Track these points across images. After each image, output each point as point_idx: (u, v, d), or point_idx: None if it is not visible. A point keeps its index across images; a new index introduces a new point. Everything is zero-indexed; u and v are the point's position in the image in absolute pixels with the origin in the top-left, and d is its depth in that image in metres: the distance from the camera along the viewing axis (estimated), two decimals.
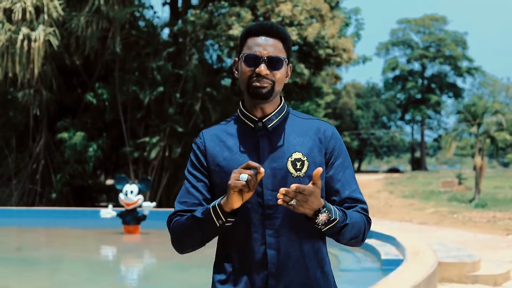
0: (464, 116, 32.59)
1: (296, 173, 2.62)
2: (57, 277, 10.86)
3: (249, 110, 2.72)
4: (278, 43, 2.66)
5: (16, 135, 23.55)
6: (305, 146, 2.68)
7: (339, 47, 22.21)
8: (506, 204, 26.11)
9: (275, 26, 2.71)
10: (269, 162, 2.63)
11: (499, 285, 9.57)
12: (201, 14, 21.75)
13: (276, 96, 2.70)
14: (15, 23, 21.01)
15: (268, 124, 2.69)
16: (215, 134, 2.73)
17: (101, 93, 22.23)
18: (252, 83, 2.62)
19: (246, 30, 2.73)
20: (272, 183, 2.61)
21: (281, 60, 2.64)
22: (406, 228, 17.79)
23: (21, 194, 22.94)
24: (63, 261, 12.39)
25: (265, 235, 2.60)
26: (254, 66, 2.63)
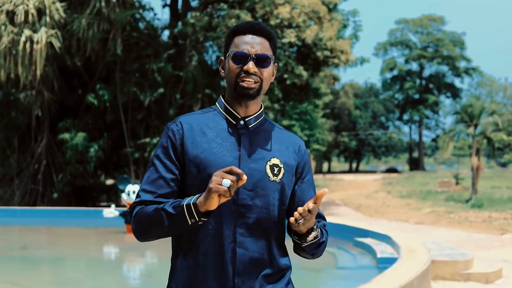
0: (461, 116, 32.79)
1: (273, 177, 2.64)
2: (62, 274, 11.16)
3: (231, 105, 2.71)
4: (265, 41, 2.69)
5: (18, 136, 23.73)
6: (283, 154, 2.70)
7: (337, 49, 22.44)
8: (502, 204, 26.28)
9: (262, 25, 2.73)
10: (248, 162, 2.63)
11: (491, 283, 9.88)
12: (201, 16, 22.02)
13: (261, 95, 2.71)
14: (18, 25, 21.15)
15: (249, 124, 2.70)
16: (194, 123, 2.70)
17: (102, 94, 22.39)
18: (240, 82, 2.62)
19: (232, 29, 2.75)
20: (249, 183, 2.59)
21: (269, 58, 2.66)
22: (402, 227, 18.04)
23: (23, 194, 23.11)
24: (67, 259, 12.69)
25: (235, 233, 2.59)
26: (242, 64, 2.64)
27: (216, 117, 2.71)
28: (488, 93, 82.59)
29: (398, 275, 7.76)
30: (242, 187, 2.58)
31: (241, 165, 2.60)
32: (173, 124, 2.69)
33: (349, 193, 36.53)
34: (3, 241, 15.47)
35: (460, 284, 9.57)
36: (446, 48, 78.91)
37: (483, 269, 10.21)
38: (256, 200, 2.61)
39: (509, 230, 18.20)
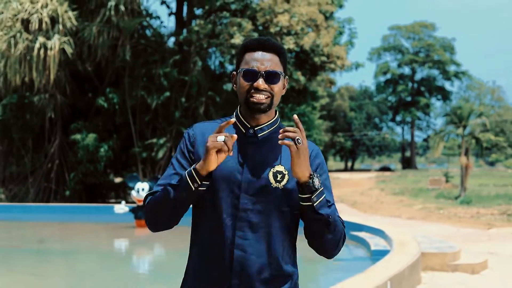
0: (451, 118, 32.91)
1: (275, 184, 2.60)
2: (76, 266, 11.37)
3: (244, 117, 2.69)
4: (274, 57, 2.65)
5: (32, 137, 23.88)
6: (288, 161, 2.61)
7: (333, 55, 22.65)
8: (490, 200, 26.35)
9: (272, 41, 2.69)
10: (252, 169, 2.61)
11: (477, 273, 10.09)
12: (205, 24, 22.20)
13: (273, 108, 2.69)
14: (32, 33, 21.37)
15: (259, 133, 2.67)
16: (208, 129, 2.70)
17: (111, 98, 22.59)
18: (250, 98, 2.60)
19: (243, 45, 2.71)
20: (251, 188, 2.59)
21: (278, 74, 2.62)
22: (395, 222, 18.18)
23: (37, 191, 23.31)
24: (81, 252, 12.90)
25: (235, 235, 2.57)
26: (252, 81, 2.60)
27: (230, 126, 2.69)
28: (477, 95, 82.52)
29: (390, 266, 7.97)
30: (244, 193, 2.58)
31: (244, 171, 2.60)
32: (190, 129, 2.74)
33: (344, 191, 36.55)
34: (21, 235, 15.71)
35: (448, 275, 9.77)
36: (436, 53, 78.74)
37: (470, 260, 10.42)
38: (257, 205, 2.58)
39: (495, 225, 18.36)
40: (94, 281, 9.74)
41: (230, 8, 23.20)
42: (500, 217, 20.55)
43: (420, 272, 9.24)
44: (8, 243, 13.92)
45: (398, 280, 7.58)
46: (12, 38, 21.29)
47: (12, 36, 21.32)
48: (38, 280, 9.69)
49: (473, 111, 32.57)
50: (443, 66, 79.74)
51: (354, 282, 6.94)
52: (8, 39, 21.27)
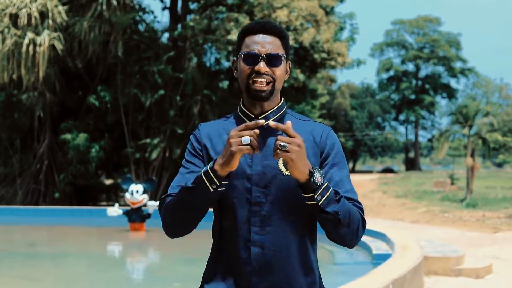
0: (456, 117, 33.10)
1: (286, 172, 2.59)
2: (68, 269, 11.57)
3: (247, 107, 2.70)
4: (276, 40, 2.65)
5: (20, 136, 24.05)
6: None
7: (334, 51, 22.87)
8: (496, 203, 26.47)
9: (272, 24, 2.68)
10: (260, 159, 2.61)
11: (481, 278, 10.32)
12: (200, 19, 22.41)
13: (277, 94, 2.69)
14: (21, 28, 21.54)
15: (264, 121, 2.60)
16: (213, 128, 2.74)
17: (103, 96, 22.77)
18: (252, 85, 2.60)
19: (243, 29, 2.71)
20: (262, 180, 2.59)
21: (280, 57, 2.62)
22: (397, 226, 18.35)
23: (25, 194, 23.46)
24: (73, 255, 13.12)
25: (250, 231, 2.57)
26: (253, 64, 2.60)
27: (235, 119, 2.74)
28: (484, 93, 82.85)
29: (391, 270, 8.19)
30: (255, 185, 2.58)
31: (253, 163, 2.60)
32: (196, 129, 2.78)
33: None
34: (11, 238, 15.95)
35: (451, 279, 10.00)
36: (442, 49, 78.80)
37: (474, 265, 10.65)
38: (270, 197, 2.58)
39: (501, 228, 18.54)
40: (86, 285, 9.94)
41: (227, 3, 23.43)
42: (506, 220, 20.69)
43: (422, 277, 9.47)
44: None
45: (400, 284, 7.80)
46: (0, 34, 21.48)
47: (0, 32, 21.50)
48: (29, 284, 9.89)
49: (480, 110, 32.75)
50: (449, 62, 79.90)
51: (355, 286, 7.16)
52: None
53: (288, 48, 2.72)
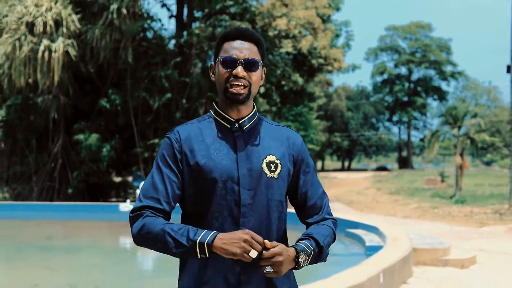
0: (446, 119, 33.37)
1: (270, 174, 2.63)
2: (85, 260, 11.93)
3: (224, 111, 2.70)
4: (253, 46, 2.66)
5: (36, 137, 24.35)
6: (278, 150, 2.69)
7: (330, 57, 23.23)
8: (484, 200, 26.70)
9: (250, 31, 2.70)
10: (245, 162, 2.62)
11: (466, 268, 10.65)
12: (205, 27, 22.74)
13: (252, 98, 2.69)
14: (37, 36, 21.90)
15: (243, 126, 2.68)
16: (192, 132, 2.68)
17: (114, 99, 23.07)
18: (230, 88, 2.60)
19: (222, 35, 2.72)
20: (249, 182, 2.60)
21: (257, 63, 2.63)
22: (390, 221, 18.58)
23: (40, 190, 23.79)
24: (89, 248, 13.49)
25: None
26: (231, 68, 2.61)
27: (212, 124, 2.71)
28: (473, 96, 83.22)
29: (383, 259, 8.54)
30: (242, 188, 2.59)
31: (239, 166, 2.61)
32: (171, 133, 2.69)
33: (341, 190, 36.82)
34: (29, 232, 16.31)
35: (438, 269, 10.33)
36: (433, 53, 79.29)
37: (459, 256, 10.98)
38: (257, 198, 2.61)
39: (488, 223, 18.75)
40: (100, 275, 10.29)
41: (230, 12, 23.77)
42: (492, 216, 20.91)
43: (412, 266, 9.81)
44: (18, 240, 14.53)
45: (390, 273, 8.15)
46: (17, 41, 21.78)
47: (17, 39, 21.81)
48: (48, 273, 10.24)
49: (468, 111, 33.02)
50: (440, 66, 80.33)
51: (349, 274, 7.50)
52: (13, 41, 21.74)
53: (264, 55, 2.75)
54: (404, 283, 8.93)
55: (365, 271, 7.63)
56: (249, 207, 2.59)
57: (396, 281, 8.49)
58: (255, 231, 2.54)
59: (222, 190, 2.58)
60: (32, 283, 9.25)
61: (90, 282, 9.47)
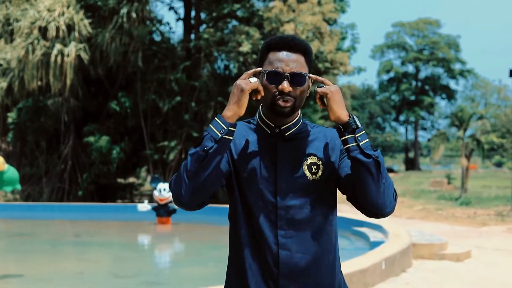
0: (452, 120, 34.65)
1: (311, 176, 2.63)
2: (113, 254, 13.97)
3: (267, 117, 2.70)
4: (300, 57, 2.61)
5: (46, 139, 26.06)
6: (319, 150, 2.68)
7: (337, 61, 24.83)
8: (488, 202, 27.71)
9: (297, 40, 2.64)
10: (285, 166, 2.63)
11: (461, 261, 12.48)
12: (214, 32, 24.43)
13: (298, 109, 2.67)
14: (50, 40, 23.66)
15: (285, 132, 2.68)
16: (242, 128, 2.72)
17: (123, 102, 24.71)
18: (276, 102, 2.59)
19: (267, 43, 2.68)
20: (288, 186, 2.62)
21: (304, 76, 2.59)
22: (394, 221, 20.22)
23: (50, 192, 25.55)
24: (114, 243, 15.58)
25: (277, 235, 2.59)
26: (276, 83, 2.57)
27: (254, 126, 2.74)
28: (483, 95, 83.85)
29: (385, 250, 10.41)
30: (280, 191, 2.62)
31: (278, 169, 2.64)
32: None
33: None
34: (58, 230, 18.54)
35: (435, 262, 12.16)
36: (441, 50, 79.80)
37: (455, 250, 12.83)
38: (296, 201, 2.62)
39: (489, 224, 20.13)
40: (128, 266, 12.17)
41: (237, 15, 25.47)
42: (495, 217, 22.15)
43: (411, 259, 11.68)
44: (49, 237, 16.59)
45: (391, 262, 10.03)
46: (29, 45, 23.58)
47: (30, 43, 23.61)
48: (85, 263, 12.17)
49: (475, 113, 34.42)
50: (448, 64, 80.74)
51: (354, 261, 9.36)
52: (26, 45, 23.57)
53: (311, 63, 2.71)
54: (403, 271, 10.78)
55: (369, 259, 9.52)
56: (287, 210, 2.61)
57: (396, 269, 10.35)
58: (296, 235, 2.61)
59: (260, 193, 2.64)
60: (76, 272, 11.16)
61: (130, 270, 11.39)
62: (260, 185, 2.63)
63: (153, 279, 10.47)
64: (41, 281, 10.13)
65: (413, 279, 10.28)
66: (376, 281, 9.41)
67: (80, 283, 10.04)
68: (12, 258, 12.52)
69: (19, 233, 17.15)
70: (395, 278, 10.11)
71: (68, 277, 10.69)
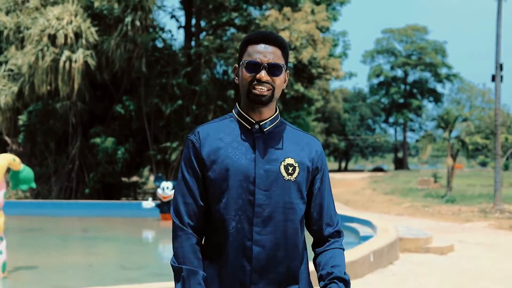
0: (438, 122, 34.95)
1: (287, 176, 2.64)
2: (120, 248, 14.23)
3: (246, 112, 2.70)
4: (277, 50, 2.65)
5: (55, 140, 26.39)
6: (298, 154, 2.68)
7: (329, 67, 25.22)
8: (472, 199, 27.91)
9: (274, 35, 2.68)
10: (263, 163, 2.62)
11: (445, 254, 12.80)
12: (213, 39, 24.77)
13: (275, 101, 2.69)
14: (58, 47, 23.95)
15: (264, 128, 2.67)
16: (211, 131, 2.70)
17: (128, 105, 25.05)
18: (253, 90, 2.60)
19: (246, 38, 2.71)
20: (264, 183, 2.61)
21: (281, 67, 2.63)
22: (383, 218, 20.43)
23: (59, 190, 25.85)
24: (120, 238, 15.80)
25: (252, 232, 2.60)
26: (254, 72, 2.60)
27: (232, 123, 2.72)
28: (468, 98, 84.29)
29: (373, 244, 10.72)
30: (258, 188, 2.61)
31: (256, 167, 2.62)
32: (192, 135, 2.72)
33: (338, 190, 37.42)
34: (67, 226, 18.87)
35: (421, 255, 12.47)
36: (428, 56, 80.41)
37: (439, 244, 13.16)
38: (272, 199, 2.62)
39: (472, 220, 20.46)
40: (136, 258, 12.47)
41: (235, 23, 25.81)
42: (478, 213, 22.46)
43: (398, 252, 11.99)
44: (58, 232, 16.91)
45: (379, 254, 10.34)
46: (39, 51, 23.86)
47: (40, 50, 23.88)
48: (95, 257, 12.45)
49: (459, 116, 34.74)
50: (435, 68, 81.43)
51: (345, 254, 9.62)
52: (36, 52, 23.84)
53: (288, 58, 2.72)
54: (390, 264, 11.10)
55: (358, 251, 9.83)
56: (263, 207, 2.61)
57: (384, 262, 10.66)
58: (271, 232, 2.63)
59: (238, 189, 2.62)
60: (86, 264, 11.46)
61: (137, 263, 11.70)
62: (240, 183, 2.62)
63: (159, 270, 10.75)
64: (55, 272, 10.44)
65: (400, 270, 10.59)
66: (364, 272, 9.72)
67: (90, 274, 10.34)
68: (25, 251, 12.78)
69: (31, 229, 17.43)
70: (382, 270, 10.42)
71: (79, 268, 11.01)
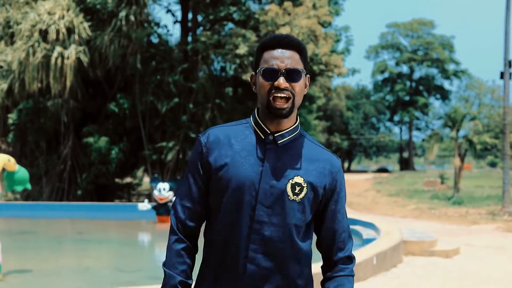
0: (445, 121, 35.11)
1: (293, 196, 2.57)
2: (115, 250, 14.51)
3: (263, 121, 2.63)
4: (295, 54, 2.59)
5: (46, 139, 26.56)
6: (309, 173, 2.61)
7: (331, 64, 25.41)
8: (480, 201, 28.20)
9: (290, 38, 2.63)
10: (269, 178, 2.57)
11: (450, 258, 13.05)
12: (211, 35, 24.98)
13: (295, 111, 2.63)
14: (50, 43, 24.17)
15: (278, 140, 2.60)
16: (222, 135, 2.65)
17: (122, 103, 25.27)
18: (272, 102, 2.54)
19: (261, 43, 2.66)
20: (267, 199, 2.56)
21: (300, 72, 2.57)
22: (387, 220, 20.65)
23: (50, 191, 26.08)
24: (115, 241, 16.09)
25: (248, 249, 2.56)
26: (272, 80, 2.54)
27: (247, 130, 2.66)
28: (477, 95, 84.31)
29: (376, 247, 10.97)
30: (259, 204, 2.55)
31: (262, 181, 2.56)
32: (203, 136, 2.69)
33: None
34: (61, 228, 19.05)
35: (425, 258, 12.71)
36: (435, 51, 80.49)
37: (444, 247, 13.41)
38: (273, 217, 2.56)
39: (479, 222, 20.65)
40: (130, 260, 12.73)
41: (233, 18, 26.02)
42: (485, 216, 22.66)
43: (402, 255, 12.24)
44: (53, 235, 17.15)
45: (382, 257, 10.59)
46: (30, 47, 24.08)
47: (31, 46, 24.11)
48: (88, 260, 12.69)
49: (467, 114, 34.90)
50: (442, 64, 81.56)
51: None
52: (27, 48, 24.06)
53: (307, 61, 2.68)
54: (394, 267, 11.35)
55: (361, 254, 10.07)
56: (263, 225, 2.57)
57: (387, 265, 10.91)
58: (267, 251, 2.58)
59: (240, 201, 2.58)
60: (82, 267, 11.72)
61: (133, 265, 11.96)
62: (242, 194, 2.58)
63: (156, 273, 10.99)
64: (49, 275, 10.68)
65: (403, 273, 10.85)
66: (367, 275, 9.98)
67: (86, 277, 10.60)
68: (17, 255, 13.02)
69: (22, 231, 17.69)
70: (386, 273, 10.68)
71: (75, 271, 11.27)
